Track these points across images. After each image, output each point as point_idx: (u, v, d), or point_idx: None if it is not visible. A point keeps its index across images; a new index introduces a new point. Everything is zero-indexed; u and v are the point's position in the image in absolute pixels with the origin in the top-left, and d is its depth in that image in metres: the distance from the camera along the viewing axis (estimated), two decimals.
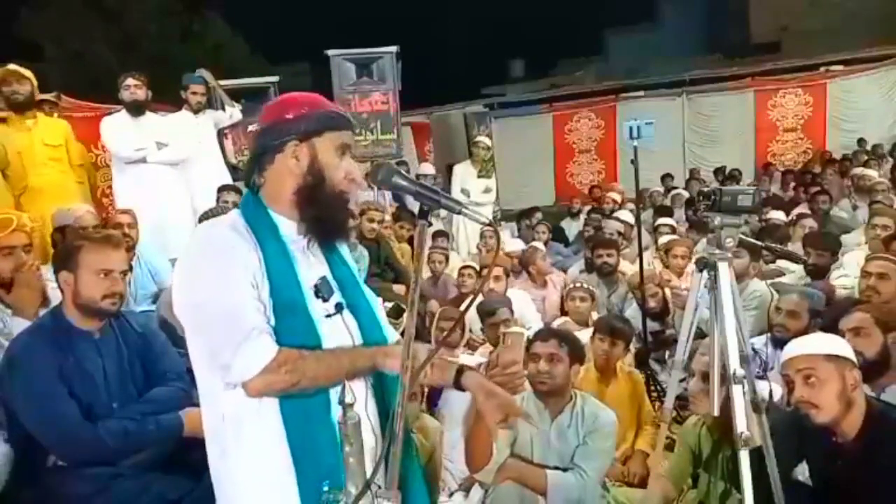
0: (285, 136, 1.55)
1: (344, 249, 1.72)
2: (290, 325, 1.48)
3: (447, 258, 5.64)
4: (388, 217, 5.98)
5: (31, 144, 4.57)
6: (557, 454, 2.63)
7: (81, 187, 4.93)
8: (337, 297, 1.60)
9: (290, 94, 1.67)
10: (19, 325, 2.76)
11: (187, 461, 2.28)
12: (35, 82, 4.64)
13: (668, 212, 7.28)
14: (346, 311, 1.60)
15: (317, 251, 1.63)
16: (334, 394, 1.47)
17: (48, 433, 2.26)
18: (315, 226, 1.58)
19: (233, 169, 5.72)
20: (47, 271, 2.90)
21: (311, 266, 1.59)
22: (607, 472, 2.83)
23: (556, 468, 2.60)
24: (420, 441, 2.75)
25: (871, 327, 2.60)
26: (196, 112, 5.32)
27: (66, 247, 2.53)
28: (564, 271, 5.76)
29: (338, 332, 1.57)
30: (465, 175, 7.21)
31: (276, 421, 1.46)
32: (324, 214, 1.57)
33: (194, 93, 5.31)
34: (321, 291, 1.57)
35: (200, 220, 3.02)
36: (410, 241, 5.89)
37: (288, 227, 1.58)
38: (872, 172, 7.59)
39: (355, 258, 2.00)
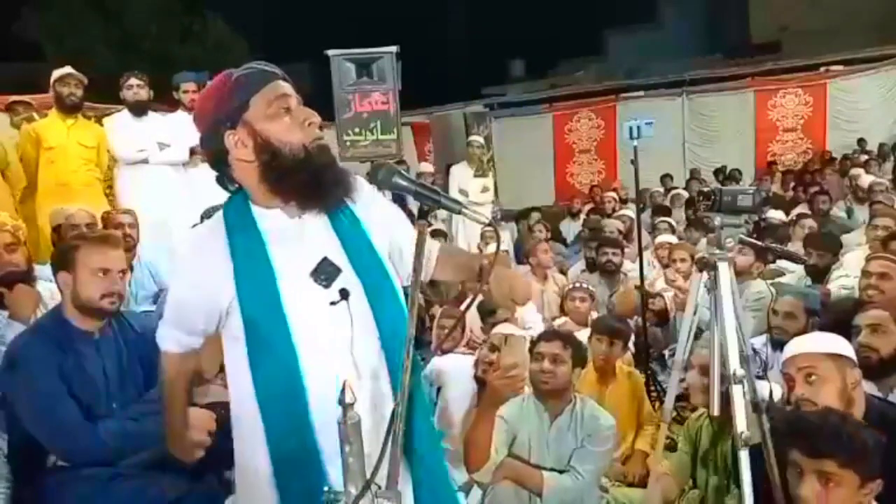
0: (219, 130, 1.42)
1: (357, 208, 1.51)
2: (264, 333, 1.40)
3: None
4: None
5: (66, 142, 4.72)
6: (555, 456, 2.63)
7: (108, 189, 5.05)
8: (342, 281, 1.44)
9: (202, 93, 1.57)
10: (13, 328, 2.74)
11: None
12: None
13: (666, 212, 7.28)
14: (357, 296, 1.44)
15: (322, 227, 1.46)
16: (314, 377, 1.42)
17: (48, 433, 2.26)
18: (301, 198, 1.43)
19: None
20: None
21: (307, 253, 1.44)
22: (607, 472, 2.83)
23: (554, 470, 2.60)
24: None
25: (889, 324, 2.59)
26: (190, 111, 5.30)
27: (63, 247, 2.52)
28: (563, 272, 5.72)
29: (339, 323, 1.42)
30: (462, 175, 7.19)
31: (254, 407, 1.45)
32: (299, 181, 1.41)
33: (186, 91, 5.30)
34: (321, 276, 1.43)
35: (202, 219, 3.02)
36: None
37: (272, 217, 1.45)
38: (867, 177, 7.55)
39: None
